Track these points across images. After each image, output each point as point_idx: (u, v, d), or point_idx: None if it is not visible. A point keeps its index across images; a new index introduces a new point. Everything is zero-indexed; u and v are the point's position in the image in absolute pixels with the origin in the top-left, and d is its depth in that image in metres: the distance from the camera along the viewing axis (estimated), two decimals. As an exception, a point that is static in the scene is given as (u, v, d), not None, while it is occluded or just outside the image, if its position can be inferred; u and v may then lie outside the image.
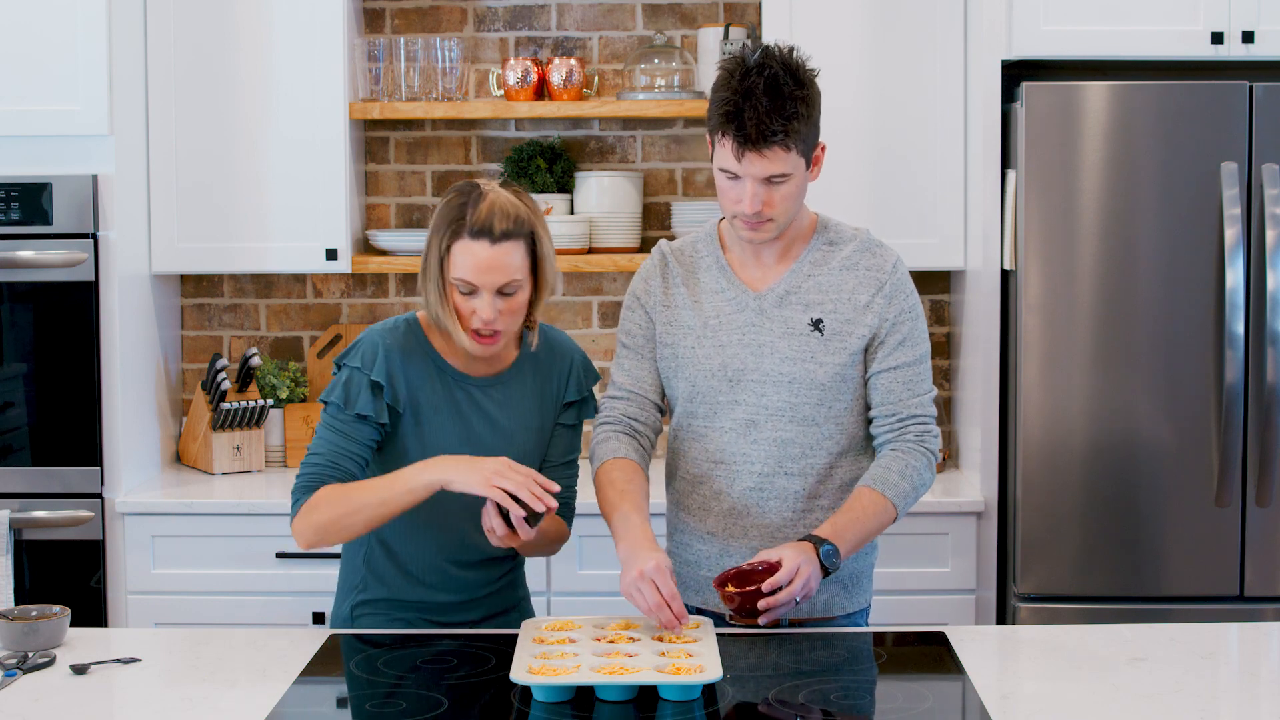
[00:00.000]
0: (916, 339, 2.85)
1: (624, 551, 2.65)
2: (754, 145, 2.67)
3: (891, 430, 2.83)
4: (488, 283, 2.68)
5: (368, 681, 2.54)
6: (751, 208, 2.72)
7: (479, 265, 2.67)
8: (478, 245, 2.67)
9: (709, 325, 2.85)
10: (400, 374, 2.76)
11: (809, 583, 2.60)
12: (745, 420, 2.82)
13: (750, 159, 2.69)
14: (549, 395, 2.88)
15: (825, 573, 2.65)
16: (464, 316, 2.72)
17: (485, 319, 2.69)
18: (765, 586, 2.58)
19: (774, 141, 2.67)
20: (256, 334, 4.59)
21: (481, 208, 2.68)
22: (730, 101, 2.68)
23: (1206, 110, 3.77)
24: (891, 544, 3.95)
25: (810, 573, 2.61)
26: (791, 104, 2.68)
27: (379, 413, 2.74)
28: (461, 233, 2.68)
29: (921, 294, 4.49)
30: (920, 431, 2.83)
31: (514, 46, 4.51)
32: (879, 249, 2.88)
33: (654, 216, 4.53)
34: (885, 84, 4.15)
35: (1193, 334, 3.79)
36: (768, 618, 2.62)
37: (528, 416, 2.85)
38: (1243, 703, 2.49)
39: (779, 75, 2.68)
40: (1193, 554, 3.83)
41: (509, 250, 2.69)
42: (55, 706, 2.41)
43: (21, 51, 3.94)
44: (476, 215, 2.68)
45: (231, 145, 4.23)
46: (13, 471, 4.01)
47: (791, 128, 2.68)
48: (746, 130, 2.67)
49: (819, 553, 2.64)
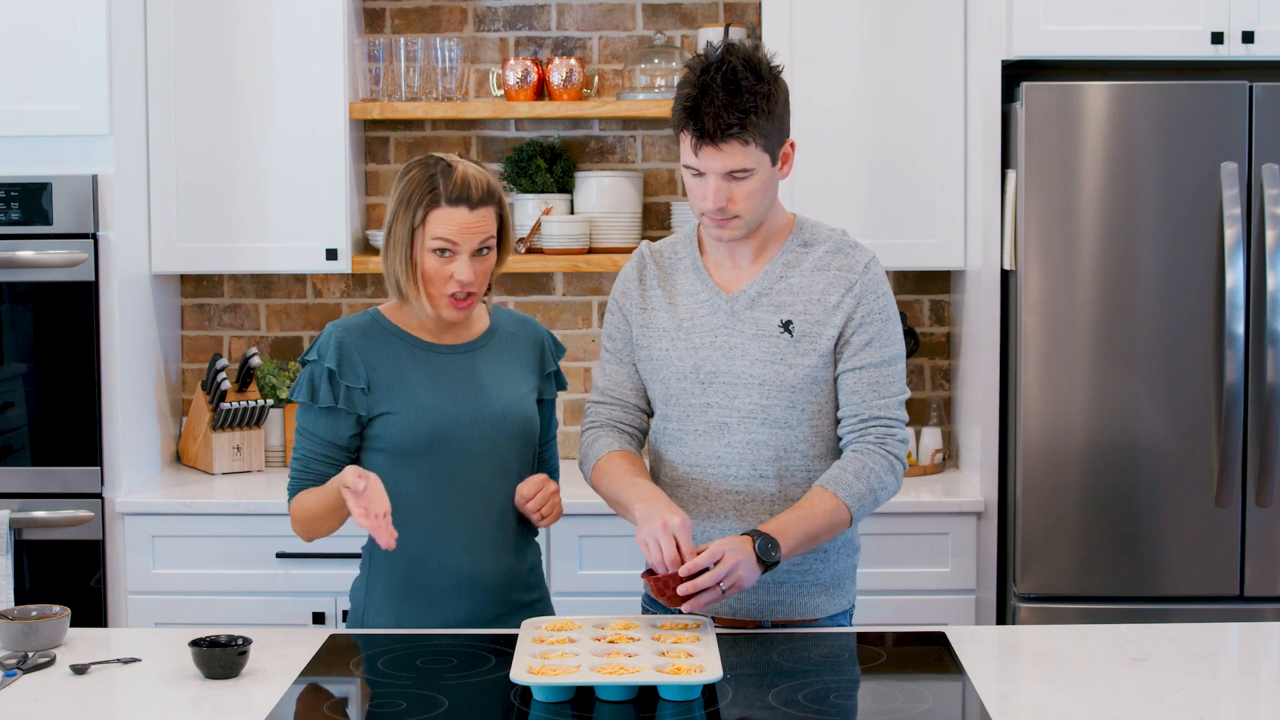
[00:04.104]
0: (886, 341, 2.81)
1: (643, 511, 2.66)
2: (711, 140, 2.67)
3: (854, 431, 2.80)
4: (467, 243, 2.77)
5: (368, 681, 2.55)
6: (714, 203, 2.72)
7: (460, 227, 2.77)
8: (457, 212, 2.77)
9: (683, 327, 2.85)
10: (359, 356, 2.83)
11: (735, 570, 2.58)
12: (718, 423, 2.82)
13: (708, 154, 2.69)
14: (530, 361, 2.95)
15: (765, 567, 2.63)
16: (438, 285, 2.79)
17: (464, 279, 2.78)
18: (682, 572, 2.57)
19: (731, 135, 2.67)
20: (256, 334, 4.59)
21: (455, 177, 2.78)
22: (689, 97, 2.69)
23: (1206, 110, 3.77)
24: (891, 544, 3.95)
25: (737, 562, 2.58)
26: (749, 98, 2.67)
27: (344, 400, 2.80)
28: (439, 201, 2.77)
29: (921, 294, 4.50)
30: (882, 434, 2.79)
31: (514, 46, 4.52)
32: (853, 249, 2.85)
33: (654, 216, 4.53)
34: (885, 84, 4.15)
35: (1193, 334, 3.79)
36: (691, 605, 2.59)
37: (510, 379, 2.90)
38: (1243, 703, 2.49)
39: (737, 70, 2.68)
40: (1193, 554, 3.83)
41: (485, 215, 2.80)
42: (55, 706, 2.41)
43: (21, 51, 3.94)
44: (452, 184, 2.77)
45: (231, 145, 4.23)
46: (13, 471, 4.01)
47: (749, 121, 2.67)
48: (704, 124, 2.67)
49: (755, 545, 2.63)
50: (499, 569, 2.85)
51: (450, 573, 2.83)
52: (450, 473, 2.81)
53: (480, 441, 2.83)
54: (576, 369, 4.52)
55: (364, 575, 2.91)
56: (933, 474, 4.27)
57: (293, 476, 2.86)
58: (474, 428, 2.82)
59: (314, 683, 2.53)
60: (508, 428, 2.85)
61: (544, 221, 4.32)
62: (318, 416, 2.82)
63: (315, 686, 2.51)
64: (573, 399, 4.52)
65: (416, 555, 2.83)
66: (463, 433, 2.81)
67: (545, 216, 4.33)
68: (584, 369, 4.54)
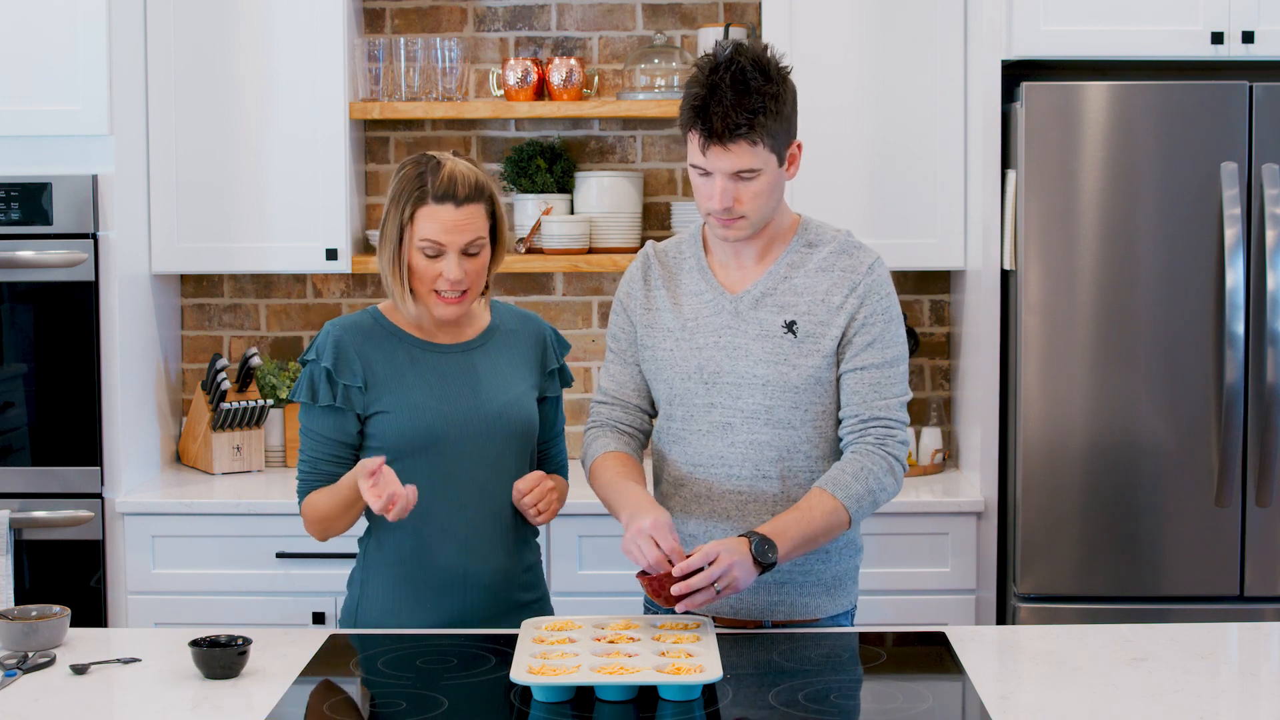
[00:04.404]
0: (888, 342, 2.81)
1: (625, 516, 2.68)
2: (719, 139, 2.68)
3: (854, 432, 2.80)
4: (454, 242, 2.77)
5: (368, 681, 2.55)
6: (721, 203, 2.72)
7: (445, 226, 2.76)
8: (443, 209, 2.76)
9: (687, 327, 2.85)
10: (356, 354, 2.83)
11: (729, 571, 2.57)
12: (721, 423, 2.82)
13: (716, 153, 2.69)
14: (530, 359, 2.95)
15: (762, 568, 2.63)
16: (427, 282, 2.80)
17: (453, 279, 2.78)
18: (675, 572, 2.57)
19: (739, 135, 2.67)
20: (256, 334, 4.59)
21: (443, 175, 2.78)
22: (698, 97, 2.69)
23: (1206, 110, 3.77)
24: (891, 544, 3.95)
25: (731, 562, 2.57)
26: (758, 98, 2.67)
27: (343, 399, 2.81)
28: (426, 199, 2.77)
29: (921, 294, 4.50)
30: (882, 435, 2.78)
31: (514, 46, 4.51)
32: (857, 250, 2.85)
33: (654, 216, 4.53)
34: (885, 84, 4.15)
35: (1193, 334, 3.79)
36: (685, 604, 2.59)
37: (510, 378, 2.90)
38: (1243, 703, 2.49)
39: (746, 70, 2.68)
40: (1193, 554, 3.83)
41: (473, 213, 2.79)
42: (55, 706, 2.41)
43: (21, 51, 3.94)
44: (439, 181, 2.77)
45: (231, 145, 4.23)
46: (13, 471, 4.01)
47: (757, 122, 2.67)
48: (712, 124, 2.67)
49: (751, 546, 2.62)
50: (494, 568, 2.85)
51: (444, 570, 2.83)
52: (445, 472, 2.82)
53: (476, 441, 2.83)
54: (576, 369, 4.52)
55: (359, 568, 2.91)
56: (933, 474, 4.27)
57: (301, 478, 2.86)
58: (469, 427, 2.82)
59: (314, 683, 2.52)
60: (504, 427, 2.85)
61: (544, 221, 4.32)
62: (321, 416, 2.83)
63: (315, 686, 2.51)
64: (572, 399, 4.52)
65: (411, 551, 2.83)
66: (458, 432, 2.81)
67: (545, 216, 4.33)
68: (584, 369, 4.54)
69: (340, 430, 2.82)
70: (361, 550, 2.92)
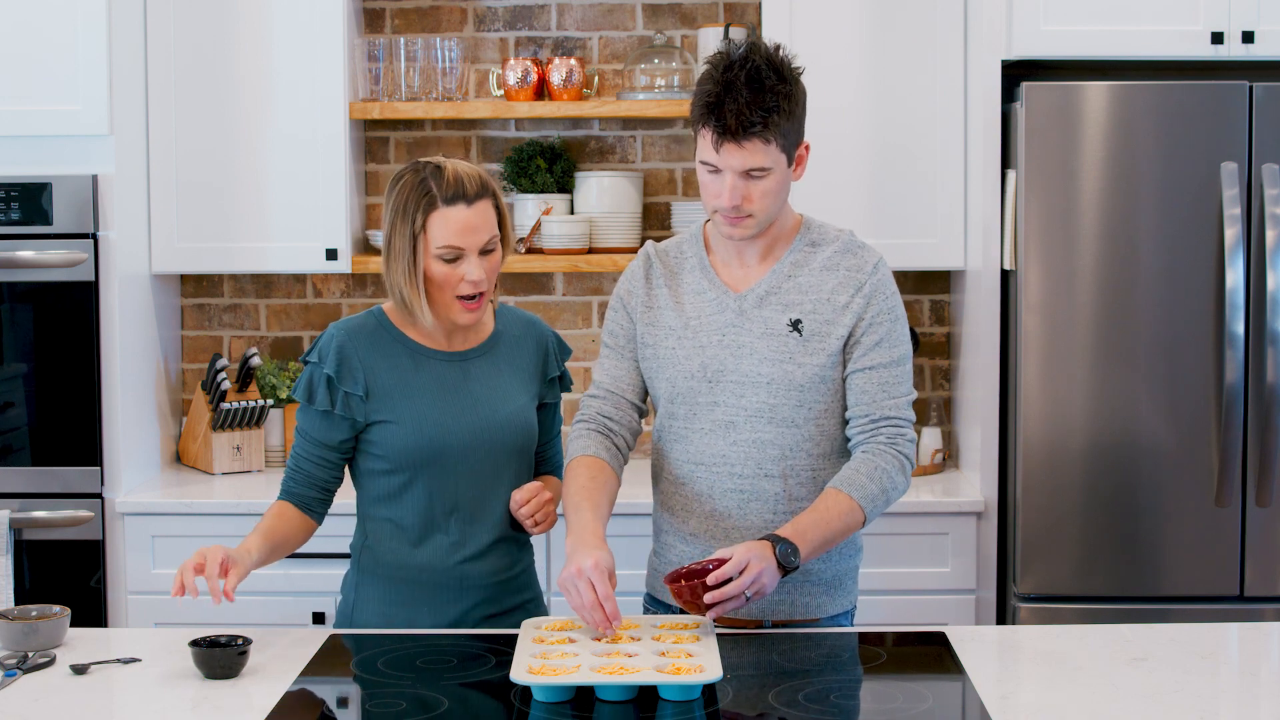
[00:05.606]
0: (895, 341, 2.82)
1: (569, 546, 2.66)
2: (733, 136, 2.67)
3: (864, 432, 2.80)
4: (472, 243, 2.75)
5: (368, 681, 2.54)
6: (730, 201, 2.72)
7: (462, 228, 2.73)
8: (454, 210, 2.73)
9: (689, 326, 2.85)
10: (360, 362, 2.81)
11: (759, 578, 2.58)
12: (724, 421, 2.81)
13: (729, 150, 2.69)
14: (532, 368, 2.93)
15: (784, 571, 2.63)
16: (448, 289, 2.76)
17: (476, 279, 2.75)
18: (710, 580, 2.57)
19: (753, 133, 2.67)
20: (256, 334, 4.59)
21: (447, 177, 2.75)
22: (711, 94, 2.69)
23: (1206, 110, 3.77)
24: (891, 544, 3.95)
25: (761, 569, 2.58)
26: (772, 97, 2.67)
27: (340, 405, 2.80)
28: (436, 204, 2.74)
29: (921, 294, 4.50)
30: (893, 434, 2.79)
31: (514, 46, 4.51)
32: (861, 250, 2.86)
33: (654, 216, 4.53)
34: (885, 84, 4.15)
35: (1193, 334, 3.79)
36: (715, 612, 2.60)
37: (512, 390, 2.89)
38: (1243, 703, 2.49)
39: (761, 69, 2.68)
40: (1193, 554, 3.83)
41: (484, 210, 2.77)
42: (55, 706, 2.41)
43: (21, 51, 3.94)
44: (446, 184, 2.74)
45: (231, 145, 4.23)
46: (13, 471, 4.01)
47: (771, 120, 2.67)
48: (726, 121, 2.67)
49: (775, 550, 2.63)
50: (489, 571, 2.85)
51: (439, 575, 2.83)
52: (444, 481, 2.81)
53: (476, 452, 2.82)
54: (576, 369, 4.52)
55: (353, 571, 2.91)
56: (933, 474, 4.27)
57: (286, 472, 2.87)
58: (471, 439, 2.81)
59: (314, 683, 2.52)
60: (505, 440, 2.85)
61: (544, 221, 4.32)
62: (312, 418, 2.83)
63: (315, 687, 2.51)
64: (571, 399, 4.52)
65: (406, 557, 2.83)
66: (459, 445, 2.81)
67: (545, 216, 4.33)
68: (584, 369, 4.54)
69: (328, 434, 2.82)
70: (354, 554, 2.92)
